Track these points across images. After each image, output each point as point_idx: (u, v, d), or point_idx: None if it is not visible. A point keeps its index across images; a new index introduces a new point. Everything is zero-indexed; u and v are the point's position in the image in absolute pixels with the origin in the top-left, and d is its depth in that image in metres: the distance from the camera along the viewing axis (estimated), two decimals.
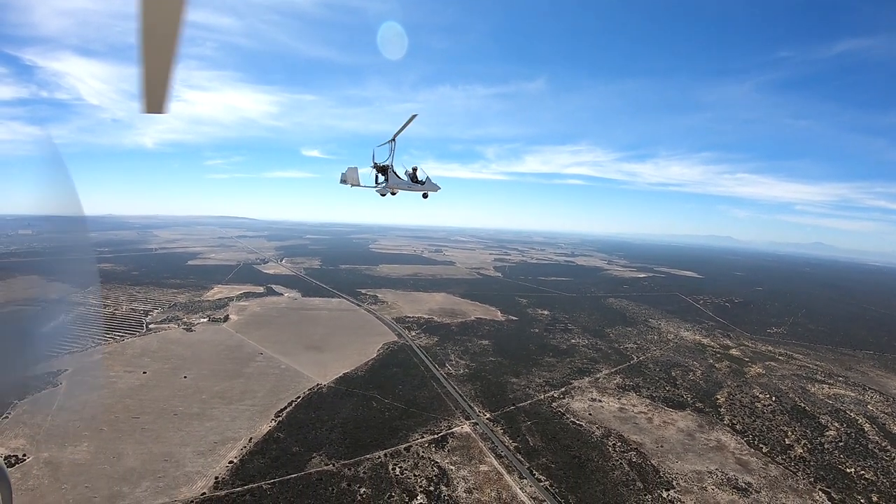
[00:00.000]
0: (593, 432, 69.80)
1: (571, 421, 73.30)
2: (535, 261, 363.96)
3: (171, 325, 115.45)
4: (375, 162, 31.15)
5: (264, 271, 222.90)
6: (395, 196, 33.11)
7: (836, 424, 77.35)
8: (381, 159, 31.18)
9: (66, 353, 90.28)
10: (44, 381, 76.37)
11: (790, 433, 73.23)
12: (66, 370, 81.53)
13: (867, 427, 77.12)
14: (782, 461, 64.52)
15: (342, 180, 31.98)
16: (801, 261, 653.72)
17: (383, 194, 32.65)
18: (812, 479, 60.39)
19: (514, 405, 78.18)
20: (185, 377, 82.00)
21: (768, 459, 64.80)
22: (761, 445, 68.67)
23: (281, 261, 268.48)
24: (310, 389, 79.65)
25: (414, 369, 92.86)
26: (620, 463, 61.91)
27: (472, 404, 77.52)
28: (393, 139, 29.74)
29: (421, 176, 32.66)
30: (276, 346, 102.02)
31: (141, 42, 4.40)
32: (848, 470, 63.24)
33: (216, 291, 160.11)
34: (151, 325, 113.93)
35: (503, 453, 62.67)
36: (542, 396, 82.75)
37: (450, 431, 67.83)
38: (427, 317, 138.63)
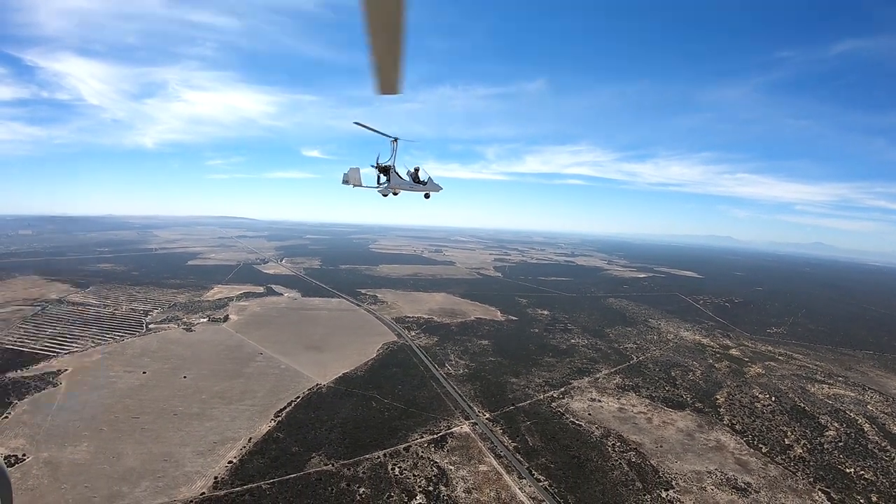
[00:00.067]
0: (593, 432, 69.81)
1: (571, 421, 73.31)
2: (535, 261, 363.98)
3: (171, 325, 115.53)
4: (378, 162, 31.24)
5: (264, 271, 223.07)
6: (397, 196, 33.22)
7: (836, 424, 77.36)
8: (382, 159, 31.28)
9: (66, 353, 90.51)
10: (44, 381, 76.59)
11: (790, 433, 73.24)
12: (66, 370, 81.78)
13: (867, 427, 77.14)
14: (782, 461, 64.51)
15: (344, 181, 32.03)
16: (801, 261, 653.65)
17: (385, 195, 32.72)
18: (811, 480, 60.40)
19: (513, 405, 78.20)
20: (185, 377, 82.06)
21: (768, 459, 64.80)
22: (761, 445, 68.67)
23: (281, 261, 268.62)
24: (309, 389, 79.69)
25: (413, 369, 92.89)
26: (620, 463, 61.92)
27: (472, 404, 77.53)
28: (393, 139, 29.85)
29: (423, 176, 32.74)
30: (275, 346, 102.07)
31: (368, 25, 4.56)
32: (847, 470, 63.25)
33: (216, 291, 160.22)
34: (151, 325, 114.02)
35: (502, 453, 62.68)
36: (542, 396, 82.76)
37: (449, 431, 67.84)
38: (427, 317, 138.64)
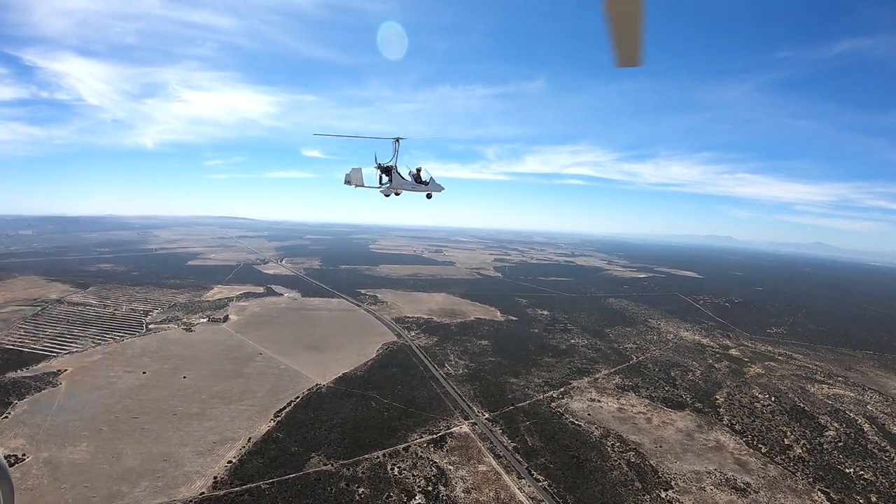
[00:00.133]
0: (592, 432, 69.83)
1: (570, 421, 73.33)
2: (535, 261, 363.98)
3: (171, 325, 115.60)
4: (379, 163, 31.30)
5: (264, 271, 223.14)
6: (399, 196, 33.29)
7: (836, 424, 77.36)
8: (383, 160, 31.36)
9: (65, 354, 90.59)
10: (44, 381, 76.65)
11: (789, 433, 73.24)
12: (66, 370, 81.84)
13: (866, 427, 77.15)
14: (781, 461, 64.53)
15: (346, 181, 32.02)
16: (801, 261, 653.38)
17: (387, 195, 32.78)
18: (811, 480, 60.41)
19: (512, 405, 78.23)
20: (185, 377, 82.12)
21: (767, 459, 64.82)
22: (760, 445, 68.68)
23: (281, 261, 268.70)
24: (309, 389, 79.74)
25: (413, 369, 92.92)
26: (619, 463, 61.94)
27: (471, 404, 77.56)
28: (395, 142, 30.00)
29: (425, 177, 32.87)
30: (275, 347, 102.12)
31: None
32: (847, 470, 63.26)
33: (216, 292, 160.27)
34: (151, 326, 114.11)
35: (502, 453, 62.71)
36: (541, 396, 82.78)
37: (448, 431, 67.87)
38: (427, 317, 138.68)
